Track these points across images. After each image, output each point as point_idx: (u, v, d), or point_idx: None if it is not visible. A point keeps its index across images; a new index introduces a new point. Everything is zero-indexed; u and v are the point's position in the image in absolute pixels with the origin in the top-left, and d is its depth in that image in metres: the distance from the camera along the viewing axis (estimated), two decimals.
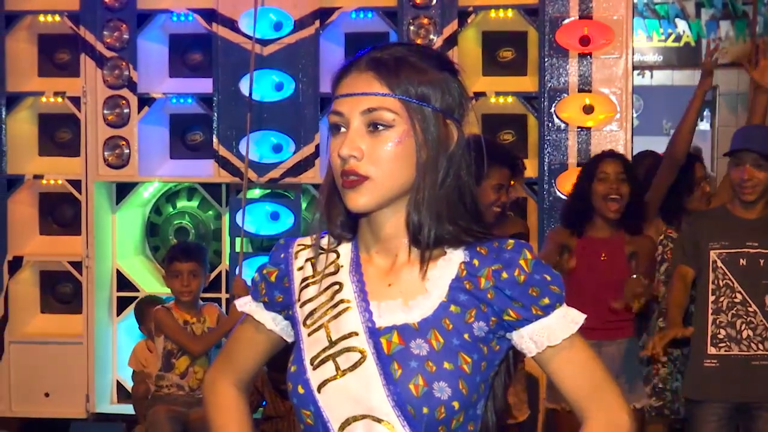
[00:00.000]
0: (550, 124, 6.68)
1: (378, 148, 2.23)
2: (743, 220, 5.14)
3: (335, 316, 2.30)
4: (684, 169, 5.93)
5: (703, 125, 15.51)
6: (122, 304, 7.25)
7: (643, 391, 5.45)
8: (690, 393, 5.22)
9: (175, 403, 6.18)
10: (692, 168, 6.05)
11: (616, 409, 2.31)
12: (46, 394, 7.14)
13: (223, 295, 7.00)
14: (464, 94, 2.35)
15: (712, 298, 5.12)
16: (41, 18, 7.14)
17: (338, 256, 2.38)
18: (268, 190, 7.10)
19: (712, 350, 5.11)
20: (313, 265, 2.39)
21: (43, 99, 7.16)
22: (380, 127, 2.24)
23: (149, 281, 7.31)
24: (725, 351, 5.09)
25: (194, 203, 7.40)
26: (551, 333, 2.28)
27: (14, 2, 7.10)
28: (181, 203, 7.42)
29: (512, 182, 5.27)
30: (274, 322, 2.46)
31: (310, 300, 2.36)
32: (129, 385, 7.19)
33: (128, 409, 7.06)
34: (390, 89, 2.25)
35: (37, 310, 7.31)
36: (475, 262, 2.27)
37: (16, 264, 7.14)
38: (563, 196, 6.31)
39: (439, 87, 2.29)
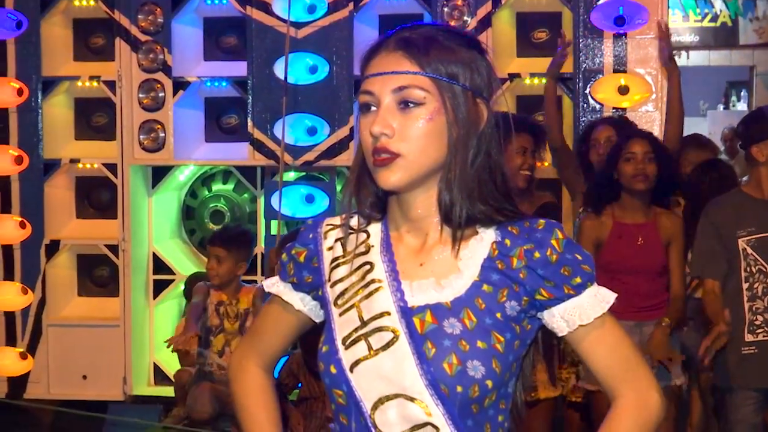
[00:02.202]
0: (585, 105, 6.65)
1: (409, 125, 2.23)
2: (764, 201, 5.09)
3: (367, 296, 2.30)
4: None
5: (741, 105, 15.42)
6: (158, 287, 7.28)
7: (679, 369, 5.42)
8: (726, 380, 5.17)
9: (217, 381, 6.22)
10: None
11: (647, 388, 2.30)
12: (84, 377, 7.18)
13: (259, 278, 7.01)
14: (493, 73, 2.34)
15: (746, 285, 5.09)
16: (76, 2, 7.16)
17: (368, 236, 2.37)
18: (303, 173, 7.10)
19: (749, 337, 5.08)
20: (343, 245, 2.38)
21: (79, 83, 7.18)
22: (411, 105, 2.23)
23: (185, 264, 7.34)
24: (763, 337, 5.06)
25: (230, 186, 7.41)
26: (582, 312, 2.27)
27: None
28: (217, 186, 7.44)
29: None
30: (302, 303, 2.46)
31: (340, 280, 2.35)
32: (166, 367, 7.23)
33: (165, 391, 7.10)
34: (420, 67, 2.25)
35: (74, 294, 7.35)
36: (507, 241, 2.27)
37: (54, 248, 7.18)
38: None
39: (468, 66, 2.28)
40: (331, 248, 2.40)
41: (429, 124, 2.23)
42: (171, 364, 7.23)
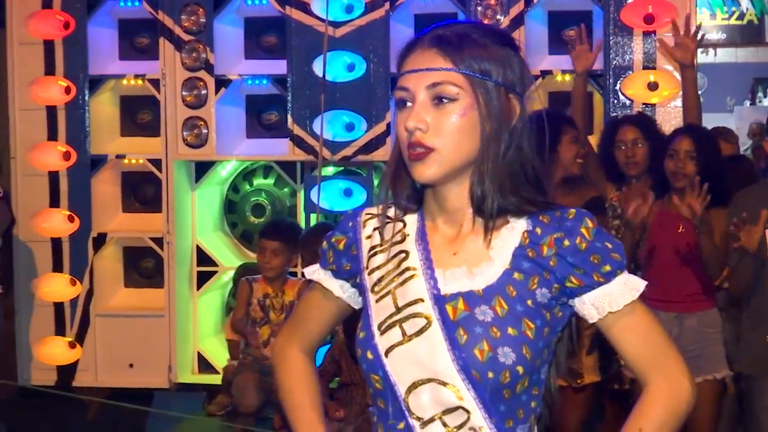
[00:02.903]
0: (615, 101, 6.65)
1: (443, 120, 2.24)
2: None
3: (402, 283, 2.32)
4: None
5: (767, 101, 15.32)
6: (202, 279, 7.31)
7: (724, 362, 5.37)
8: (752, 369, 5.11)
9: (261, 371, 6.26)
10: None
11: (677, 375, 2.30)
12: (131, 365, 7.22)
13: (299, 270, 7.02)
14: (525, 69, 2.35)
15: None
16: (122, 3, 7.20)
17: (405, 226, 2.39)
18: (341, 168, 7.12)
19: None
20: (381, 234, 2.40)
21: (124, 81, 7.22)
22: (445, 101, 2.25)
23: (228, 256, 7.37)
24: None
25: (270, 181, 7.44)
26: (612, 299, 2.27)
27: None
28: (258, 181, 7.46)
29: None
30: (341, 290, 2.48)
31: (377, 268, 2.37)
32: (209, 356, 7.27)
33: (209, 379, 7.14)
34: (454, 64, 2.26)
35: (120, 285, 7.39)
36: (538, 230, 2.28)
37: (101, 240, 7.22)
38: None
39: (500, 62, 2.29)
40: (369, 237, 2.42)
41: (462, 119, 2.25)
42: (214, 353, 7.28)
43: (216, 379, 6.99)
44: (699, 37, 6.04)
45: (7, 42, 7.27)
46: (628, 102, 6.62)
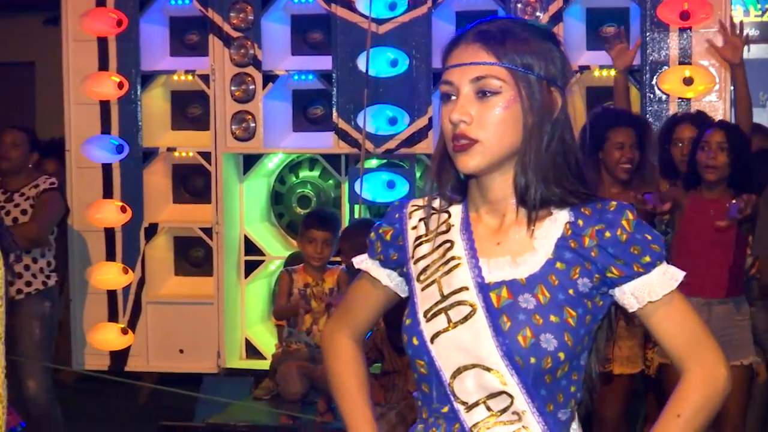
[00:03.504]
0: (651, 96, 6.62)
1: (486, 113, 2.25)
2: None
3: (447, 272, 2.32)
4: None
5: None
6: (249, 267, 7.32)
7: (751, 348, 5.36)
8: None
9: (304, 359, 6.27)
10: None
11: (714, 362, 2.30)
12: (181, 351, 7.25)
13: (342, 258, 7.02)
14: (566, 63, 2.36)
15: None
16: (172, 1, 7.22)
17: (449, 216, 2.39)
18: (385, 160, 7.12)
19: None
20: (426, 225, 2.41)
21: (175, 77, 7.24)
22: (488, 94, 2.26)
23: (274, 246, 7.39)
24: None
25: (315, 173, 7.44)
26: (652, 289, 2.28)
27: None
28: (304, 173, 7.47)
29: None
30: (389, 278, 2.49)
31: (423, 257, 2.38)
32: (257, 342, 7.29)
33: (256, 364, 7.16)
34: (497, 58, 2.26)
35: (171, 273, 7.42)
36: (580, 222, 2.28)
37: (152, 230, 7.25)
38: None
39: (542, 56, 2.30)
40: (415, 227, 2.42)
41: (505, 111, 2.26)
42: (261, 340, 7.30)
43: (262, 365, 7.01)
44: (744, 35, 6.00)
45: (62, 39, 7.30)
46: (664, 97, 6.59)
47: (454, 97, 2.29)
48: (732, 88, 5.96)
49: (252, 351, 7.32)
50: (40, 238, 6.49)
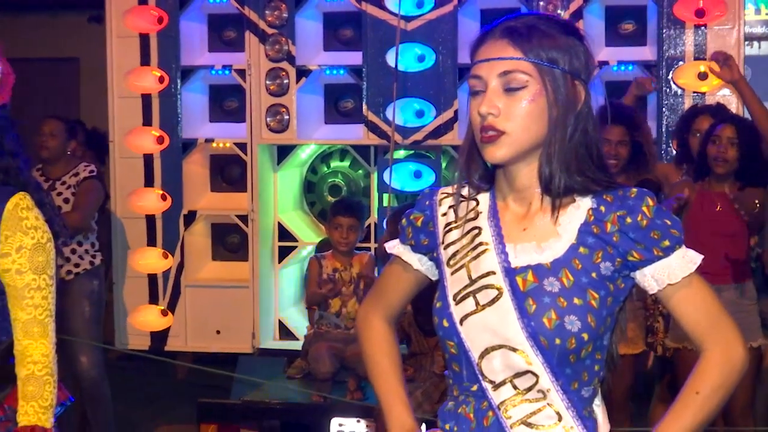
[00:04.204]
0: (667, 90, 6.59)
1: (513, 106, 2.25)
2: None
3: (475, 257, 2.33)
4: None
5: None
6: (283, 253, 7.33)
7: (760, 332, 5.35)
8: None
9: (334, 340, 6.28)
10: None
11: (732, 342, 2.30)
12: (217, 332, 7.27)
13: (372, 245, 7.03)
14: (590, 57, 2.35)
15: None
16: (210, 0, 7.22)
17: (477, 204, 2.40)
18: (412, 151, 7.10)
19: None
20: (455, 212, 2.41)
21: (213, 72, 7.25)
22: (515, 88, 2.26)
23: (306, 233, 7.40)
24: None
25: (346, 163, 7.44)
26: (671, 272, 2.28)
27: None
28: (335, 163, 7.47)
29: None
30: (419, 263, 2.49)
31: (452, 243, 2.39)
32: (289, 324, 7.30)
33: (289, 345, 7.17)
34: (523, 54, 2.26)
35: (208, 258, 7.43)
36: (602, 208, 2.29)
37: (191, 217, 7.27)
38: None
39: (567, 51, 2.29)
40: (444, 214, 2.43)
41: (531, 104, 2.26)
42: (293, 321, 7.31)
43: (295, 345, 7.01)
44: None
45: (106, 35, 7.32)
46: (679, 91, 6.56)
47: (482, 91, 2.29)
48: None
49: (285, 332, 7.34)
50: (83, 227, 6.53)
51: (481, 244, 2.33)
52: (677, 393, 2.34)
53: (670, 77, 6.56)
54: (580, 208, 2.30)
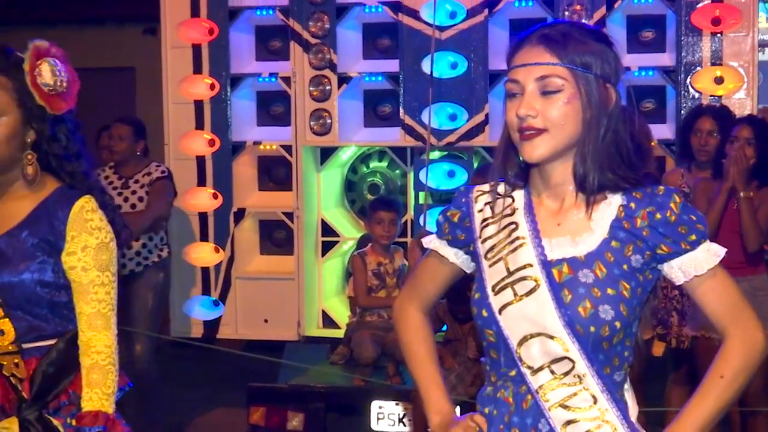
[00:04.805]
0: (685, 94, 6.54)
1: (550, 108, 2.25)
2: None
3: (512, 251, 2.32)
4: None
5: None
6: (326, 247, 7.33)
7: None
8: None
9: (376, 327, 6.28)
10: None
11: (752, 328, 2.29)
12: (265, 321, 7.27)
13: (409, 240, 7.02)
14: (619, 63, 2.36)
15: None
16: (258, 12, 7.22)
17: (513, 201, 2.39)
18: (445, 152, 7.07)
19: None
20: (492, 208, 2.41)
21: (260, 79, 7.25)
22: (551, 91, 2.25)
23: (347, 228, 7.39)
24: None
25: (384, 164, 7.43)
26: (697, 264, 2.28)
27: (236, 0, 7.17)
28: (373, 164, 7.46)
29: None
30: (455, 256, 2.48)
31: (489, 237, 2.38)
32: (332, 313, 7.29)
33: (331, 333, 7.16)
34: (559, 59, 2.26)
35: (257, 252, 7.43)
36: (632, 205, 2.28)
37: (240, 215, 7.28)
38: None
39: (598, 56, 2.29)
40: (481, 210, 2.42)
41: (567, 106, 2.25)
42: (336, 311, 7.30)
43: (337, 333, 7.01)
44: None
45: (161, 46, 7.34)
46: (697, 95, 6.51)
47: (519, 94, 2.28)
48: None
49: (328, 321, 7.33)
50: (156, 225, 6.60)
51: (518, 238, 2.33)
52: (696, 379, 2.34)
53: (688, 82, 6.51)
54: (612, 204, 2.30)
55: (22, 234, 2.80)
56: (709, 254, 2.28)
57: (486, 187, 2.44)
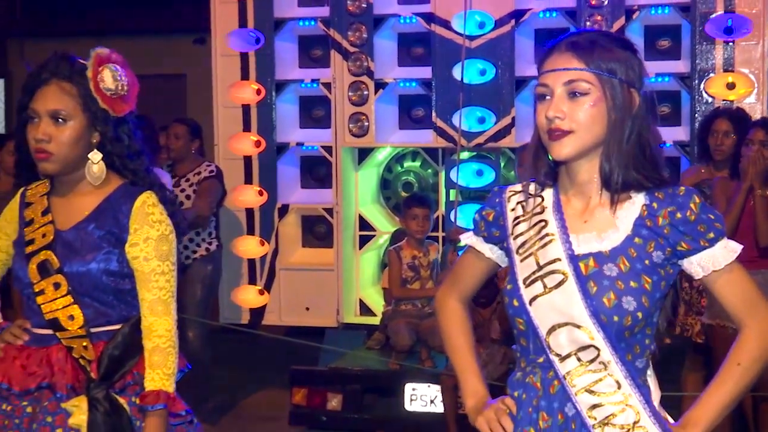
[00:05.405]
0: (699, 98, 6.48)
1: (577, 110, 2.24)
2: None
3: (542, 246, 2.32)
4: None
5: None
6: (363, 241, 7.32)
7: None
8: None
9: (410, 316, 6.27)
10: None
11: (767, 320, 2.28)
12: (307, 308, 7.27)
13: (440, 235, 7.00)
14: (642, 68, 2.35)
15: None
16: (300, 23, 7.22)
17: (543, 200, 2.38)
18: (474, 153, 7.05)
19: None
20: (523, 207, 2.40)
21: (303, 85, 7.24)
22: (578, 95, 2.25)
23: (383, 223, 7.38)
24: None
25: (417, 163, 7.41)
26: (715, 260, 2.27)
27: (280, 12, 7.18)
28: (407, 164, 7.45)
29: None
30: (491, 252, 2.48)
31: (521, 234, 2.37)
32: (369, 302, 7.29)
33: (368, 320, 7.17)
34: (586, 65, 2.25)
35: (299, 245, 7.43)
36: (654, 204, 2.28)
37: (284, 210, 7.28)
38: None
39: (623, 63, 2.28)
40: (513, 209, 2.42)
41: (593, 109, 2.25)
42: (372, 300, 7.29)
43: (373, 320, 7.03)
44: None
45: (211, 54, 7.35)
46: (710, 99, 6.45)
47: (548, 97, 2.28)
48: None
49: (364, 309, 7.33)
50: (201, 221, 6.63)
51: (547, 234, 2.32)
52: (710, 365, 2.33)
53: (701, 87, 6.45)
54: (635, 203, 2.29)
55: (89, 227, 2.83)
56: (726, 251, 2.27)
57: (518, 187, 2.44)
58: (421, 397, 6.19)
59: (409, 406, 6.20)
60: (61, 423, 2.76)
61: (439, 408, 6.05)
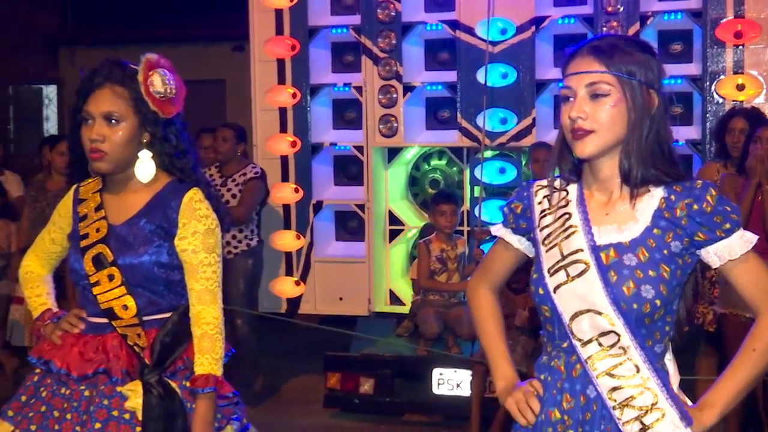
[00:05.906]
0: (710, 99, 6.43)
1: (598, 110, 2.24)
2: None
3: (566, 237, 2.31)
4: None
5: None
6: (392, 235, 7.31)
7: None
8: None
9: (438, 305, 6.27)
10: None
11: None
12: (340, 298, 7.28)
13: (465, 229, 6.99)
14: (661, 70, 2.34)
15: None
16: (333, 31, 7.23)
17: (567, 194, 2.38)
18: (497, 152, 7.03)
19: None
20: (549, 201, 2.40)
21: (336, 89, 7.25)
22: (600, 96, 2.25)
23: (411, 218, 7.37)
24: None
25: (443, 162, 7.41)
26: (731, 250, 2.26)
27: (314, 20, 7.19)
28: (434, 162, 7.44)
29: None
30: (519, 243, 2.48)
31: (547, 226, 2.37)
32: (398, 292, 7.29)
33: (397, 309, 7.17)
34: (606, 68, 2.25)
35: (332, 239, 7.44)
36: (672, 197, 2.26)
37: (318, 206, 7.29)
38: None
39: (642, 65, 2.28)
40: (540, 203, 2.41)
41: (613, 109, 2.24)
42: (401, 290, 7.29)
43: (403, 309, 7.03)
44: None
45: (250, 60, 7.37)
46: (721, 100, 6.40)
47: (571, 99, 2.27)
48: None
49: (394, 299, 7.33)
50: (244, 221, 6.68)
51: (571, 226, 2.32)
52: (723, 351, 2.32)
53: (712, 89, 6.41)
54: (654, 197, 2.28)
55: (140, 222, 2.85)
56: (742, 241, 2.26)
57: (545, 182, 2.44)
58: (448, 382, 6.19)
59: (436, 390, 6.21)
60: (117, 406, 2.78)
61: (464, 391, 6.04)
